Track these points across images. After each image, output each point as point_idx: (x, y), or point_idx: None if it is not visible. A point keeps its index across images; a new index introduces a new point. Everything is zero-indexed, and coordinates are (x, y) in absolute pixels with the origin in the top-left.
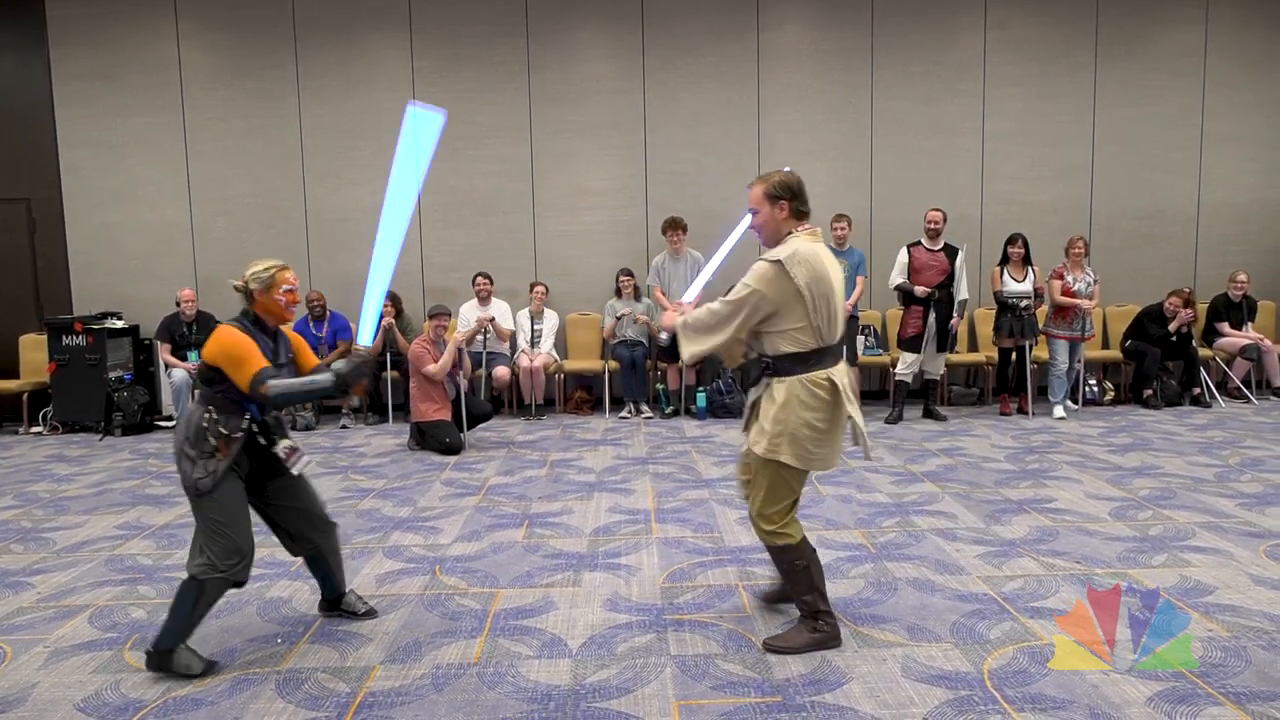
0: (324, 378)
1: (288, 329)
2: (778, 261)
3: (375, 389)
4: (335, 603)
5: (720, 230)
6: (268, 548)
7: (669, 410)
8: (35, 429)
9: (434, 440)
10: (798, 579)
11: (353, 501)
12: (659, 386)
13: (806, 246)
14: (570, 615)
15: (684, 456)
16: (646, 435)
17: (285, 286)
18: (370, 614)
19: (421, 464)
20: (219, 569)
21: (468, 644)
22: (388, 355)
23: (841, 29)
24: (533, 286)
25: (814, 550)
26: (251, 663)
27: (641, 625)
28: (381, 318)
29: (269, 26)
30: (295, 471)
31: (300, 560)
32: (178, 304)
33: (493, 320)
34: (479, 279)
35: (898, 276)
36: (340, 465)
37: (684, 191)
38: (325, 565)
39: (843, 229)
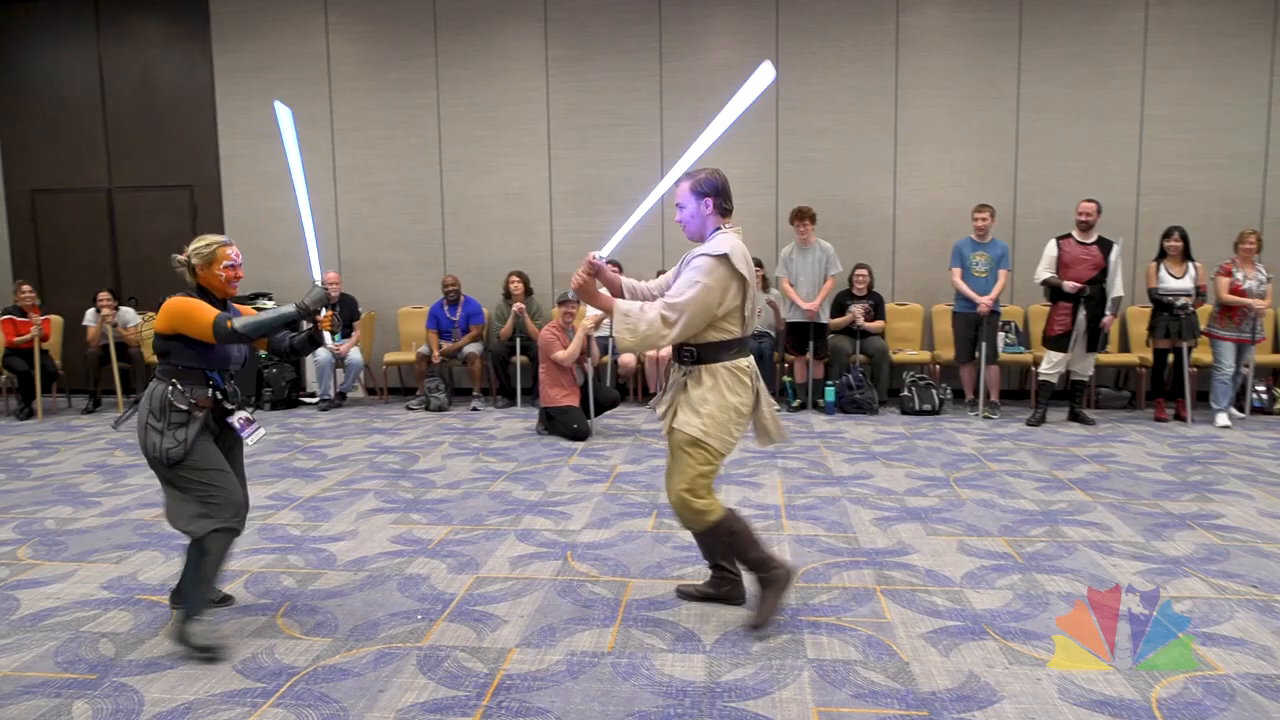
0: (287, 306)
1: (242, 306)
2: (724, 255)
3: (504, 373)
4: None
5: (850, 220)
6: (405, 524)
7: (796, 404)
8: None
9: (562, 425)
10: (740, 542)
11: (485, 483)
12: (786, 379)
13: (739, 243)
14: (703, 610)
15: (813, 452)
16: None
17: (226, 262)
18: (229, 599)
19: (550, 449)
20: (219, 521)
21: (601, 632)
22: (517, 340)
23: (986, 9)
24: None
25: (736, 511)
26: (394, 638)
27: (776, 625)
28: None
29: (411, 19)
30: (250, 441)
31: (438, 539)
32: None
33: None
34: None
35: (1045, 271)
36: (472, 446)
37: (815, 180)
38: None
39: (984, 219)
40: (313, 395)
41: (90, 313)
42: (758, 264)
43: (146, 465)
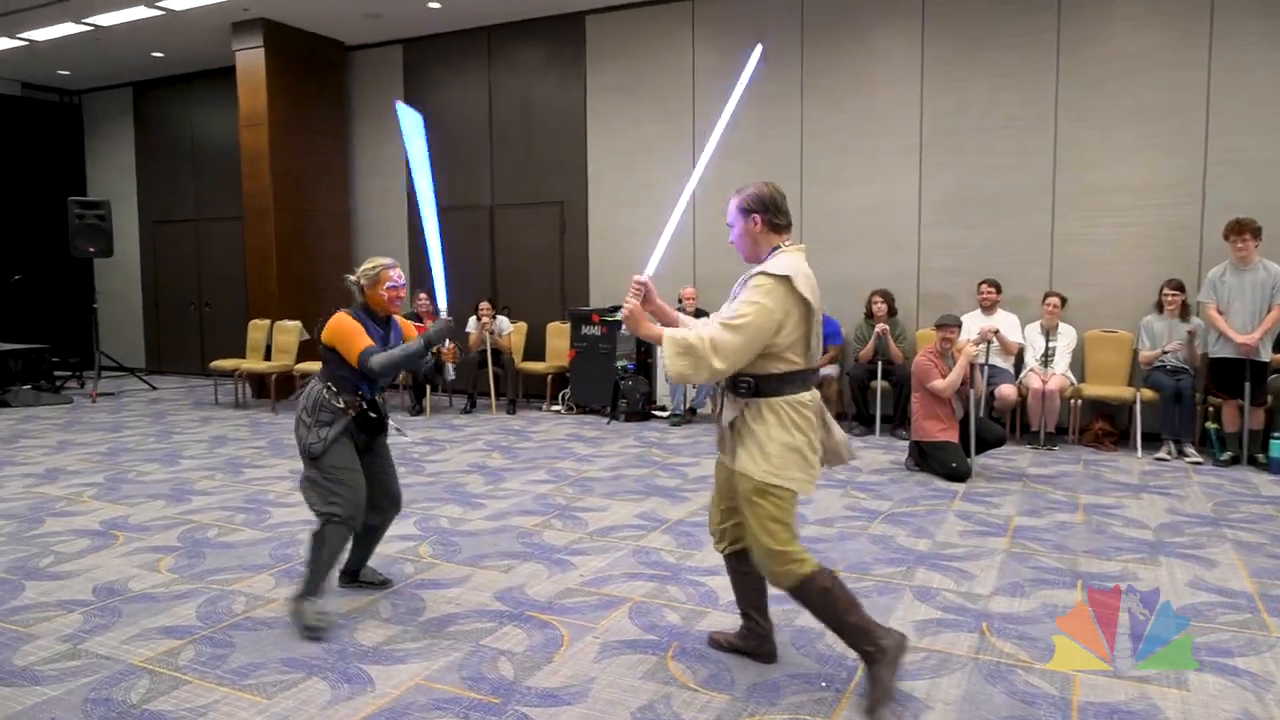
0: (414, 342)
1: (402, 320)
2: (786, 277)
3: (863, 398)
4: (355, 575)
5: None
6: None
7: (1225, 457)
8: (555, 407)
9: (937, 463)
10: (835, 604)
11: (860, 523)
12: (1209, 426)
13: (802, 263)
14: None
15: (1270, 523)
16: (1202, 487)
17: (389, 283)
18: (386, 583)
19: (925, 488)
20: (341, 517)
21: None
22: (879, 364)
23: None
24: (1046, 297)
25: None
26: (798, 706)
27: (894, 708)
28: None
29: (778, 26)
30: (405, 436)
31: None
32: (680, 300)
33: (997, 332)
34: (984, 286)
35: None
36: (838, 479)
37: (1254, 187)
38: (373, 539)
39: None
40: (663, 409)
41: (472, 320)
42: (1177, 288)
43: (526, 470)
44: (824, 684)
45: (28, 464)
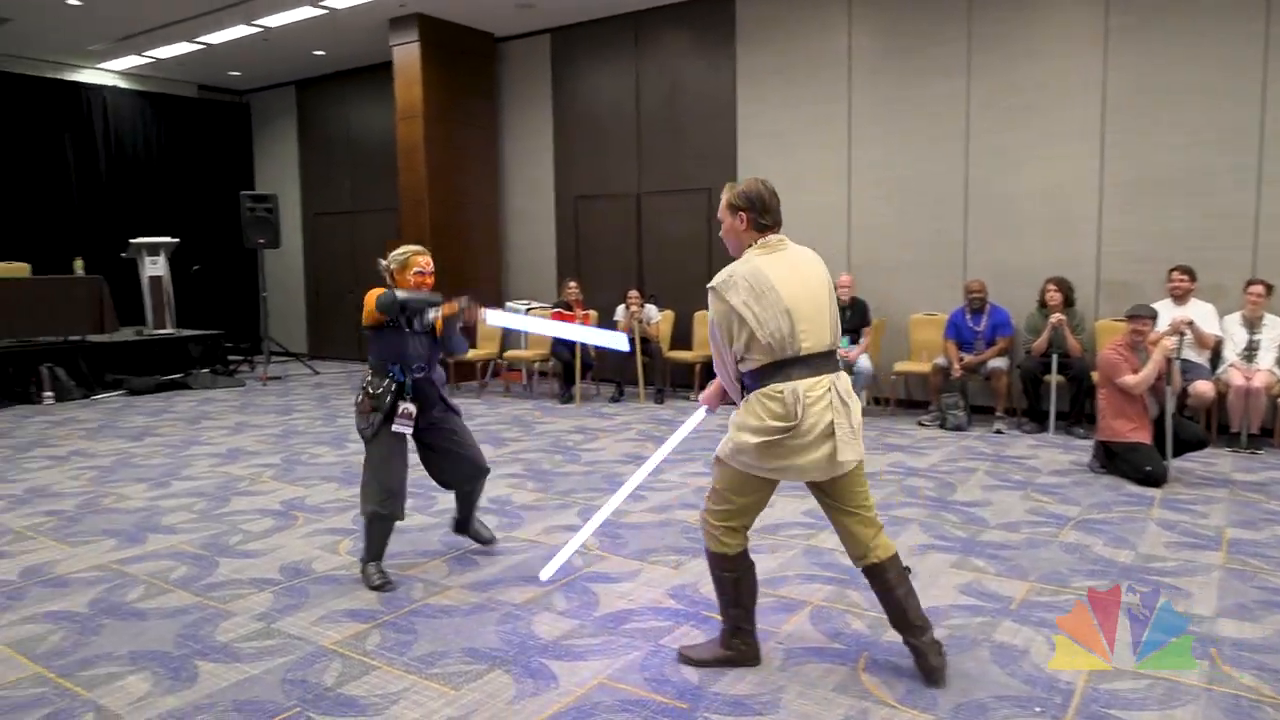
0: (422, 293)
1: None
2: (712, 288)
3: (1035, 393)
4: (464, 527)
5: None
6: (970, 572)
7: None
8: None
9: (1129, 465)
10: (722, 589)
11: (1049, 529)
12: None
13: (745, 266)
14: None
15: None
16: None
17: (417, 268)
18: (491, 540)
19: (1116, 493)
20: (376, 507)
21: None
22: (1054, 357)
23: None
24: (1248, 285)
25: (750, 566)
26: None
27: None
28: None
29: (942, 1)
30: (394, 428)
31: (1019, 598)
32: (835, 288)
33: (1190, 324)
34: (1175, 273)
35: None
36: (1014, 479)
37: None
38: (469, 502)
39: None
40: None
41: (621, 309)
42: None
43: (683, 460)
44: (1038, 709)
45: (211, 444)
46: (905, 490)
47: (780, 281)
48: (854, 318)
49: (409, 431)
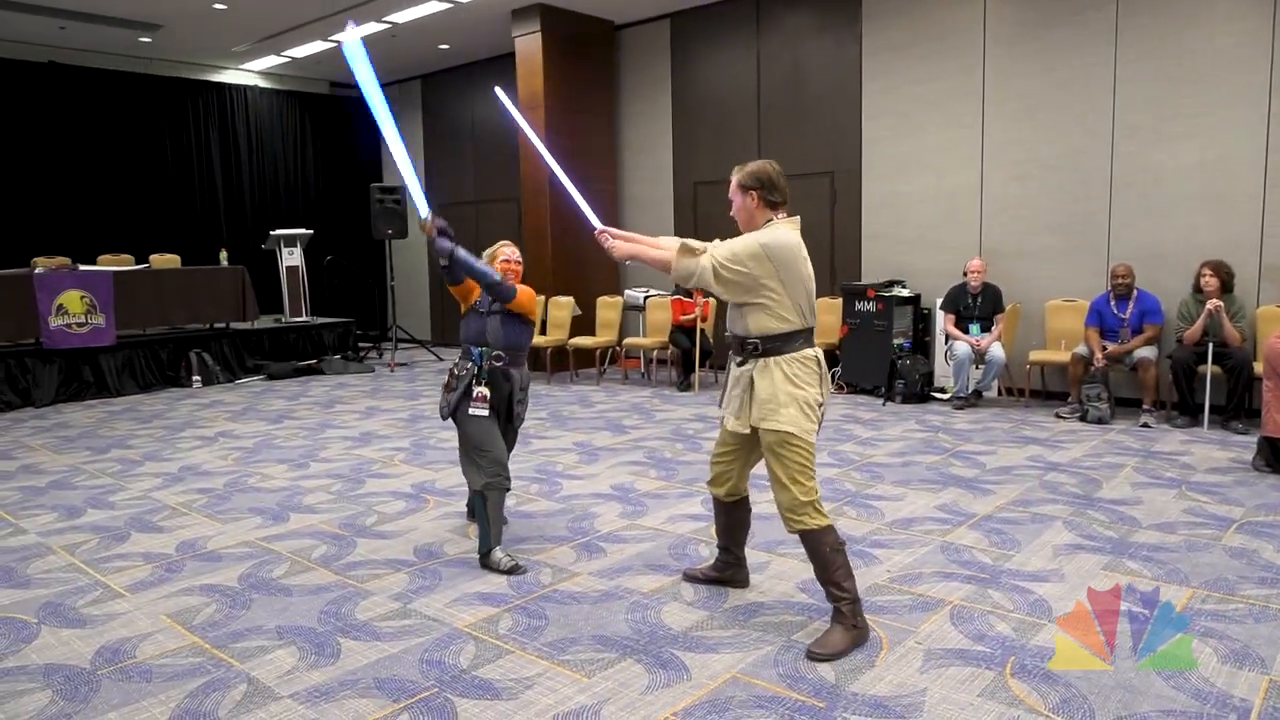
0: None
1: (523, 288)
2: (763, 245)
3: (1189, 385)
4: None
5: None
6: (1123, 574)
7: None
8: None
9: None
10: (835, 564)
11: (1210, 531)
12: None
13: (785, 234)
14: None
15: None
16: None
17: (502, 258)
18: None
19: None
20: (490, 479)
21: None
22: (1209, 346)
23: None
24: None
25: None
26: None
27: None
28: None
29: None
30: (469, 411)
31: (1179, 604)
32: (964, 274)
33: None
34: None
35: None
36: (1166, 476)
37: None
38: None
39: None
40: (943, 391)
41: None
42: None
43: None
44: None
45: (344, 427)
46: (1045, 486)
47: (803, 258)
48: (985, 304)
49: (484, 414)
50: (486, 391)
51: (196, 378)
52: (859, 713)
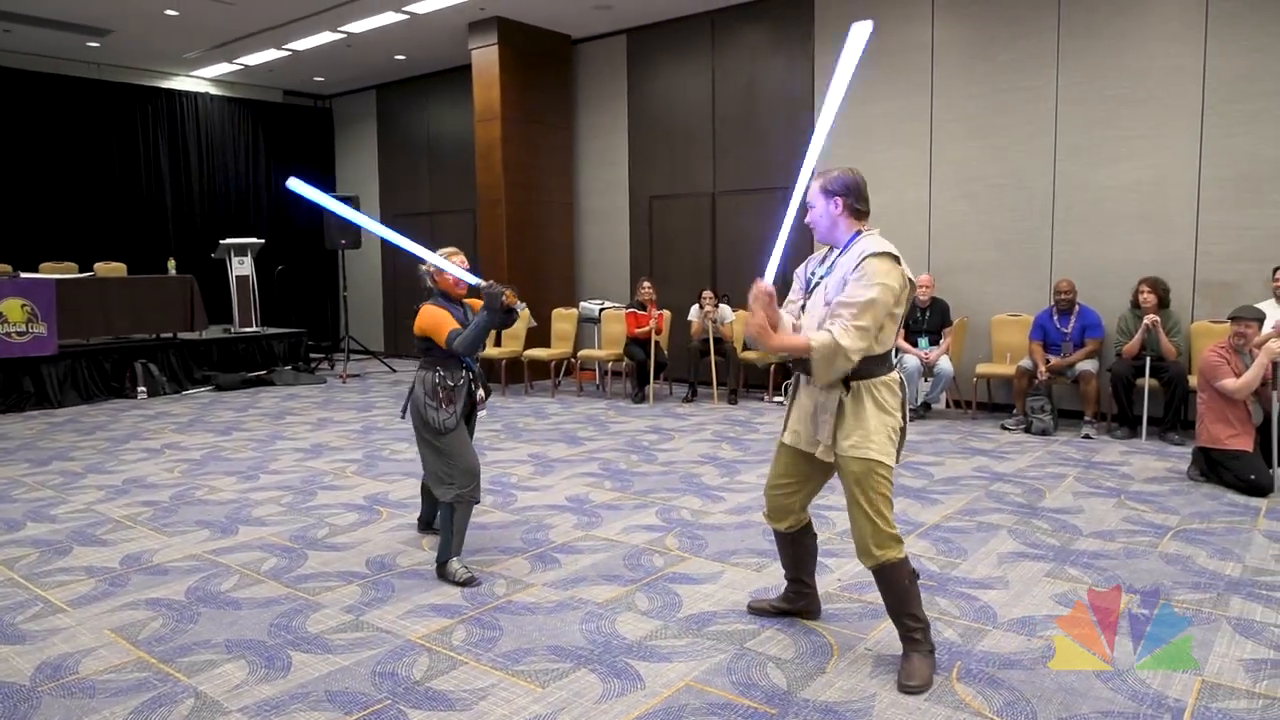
0: (480, 314)
1: (471, 300)
2: (895, 256)
3: (1127, 397)
4: (429, 524)
5: None
6: (1065, 581)
7: None
8: (777, 398)
9: (1231, 474)
10: (911, 595)
11: (1146, 539)
12: None
13: (886, 245)
14: None
15: None
16: None
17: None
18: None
19: (1218, 502)
20: (461, 491)
21: None
22: (1146, 359)
23: None
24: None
25: None
26: None
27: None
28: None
29: None
30: (482, 413)
31: (1117, 610)
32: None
33: None
34: None
35: None
36: (1106, 486)
37: None
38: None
39: None
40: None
41: (695, 309)
42: None
43: (759, 462)
44: None
45: (295, 439)
46: (991, 496)
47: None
48: (934, 318)
49: (484, 414)
50: (483, 393)
51: (142, 389)
52: (810, 719)
